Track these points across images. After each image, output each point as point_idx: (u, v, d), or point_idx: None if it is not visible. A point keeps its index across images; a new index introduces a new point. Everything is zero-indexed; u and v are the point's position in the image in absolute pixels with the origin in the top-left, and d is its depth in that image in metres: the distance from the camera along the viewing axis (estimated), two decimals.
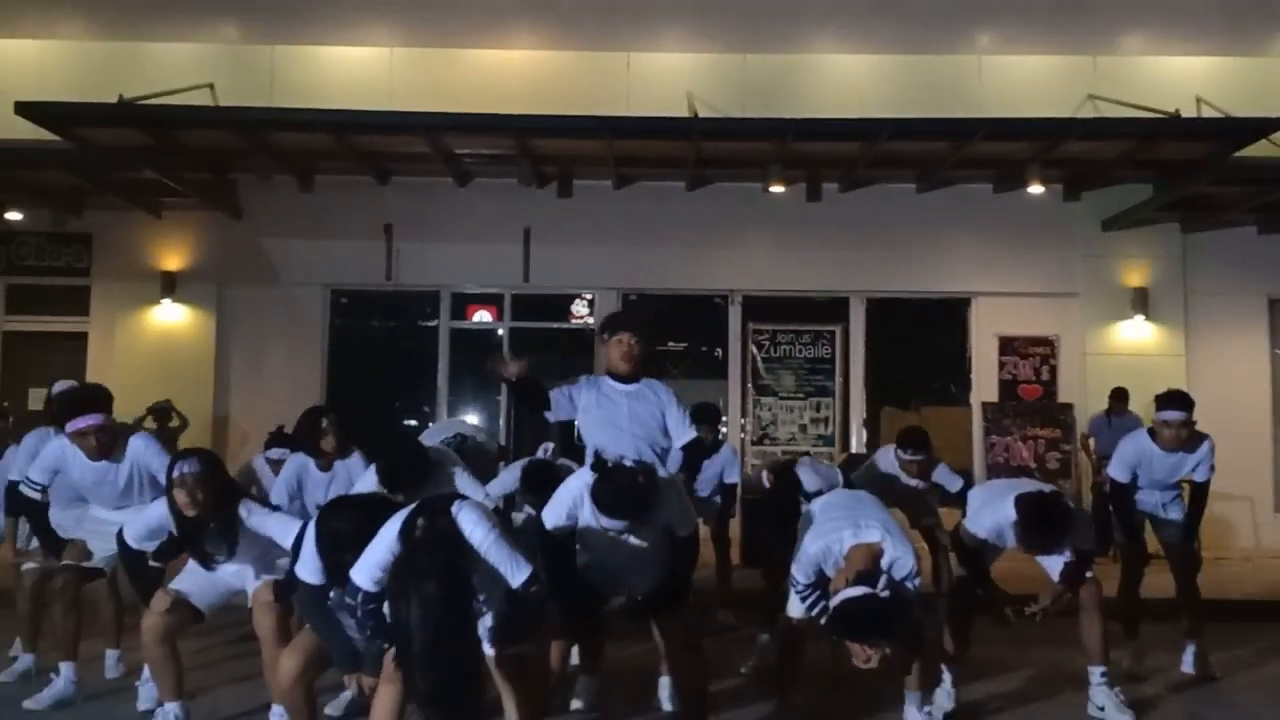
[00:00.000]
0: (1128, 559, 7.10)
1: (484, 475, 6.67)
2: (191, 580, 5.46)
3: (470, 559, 4.38)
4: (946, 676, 5.91)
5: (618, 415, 5.55)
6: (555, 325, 13.25)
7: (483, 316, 13.17)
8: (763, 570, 7.41)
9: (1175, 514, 7.08)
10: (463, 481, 5.96)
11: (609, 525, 4.85)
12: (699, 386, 12.49)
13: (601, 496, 4.77)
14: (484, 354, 12.83)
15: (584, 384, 5.68)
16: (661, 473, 5.13)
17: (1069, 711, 6.05)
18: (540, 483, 6.17)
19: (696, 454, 6.36)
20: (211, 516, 5.21)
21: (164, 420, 11.16)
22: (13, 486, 6.36)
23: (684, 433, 5.80)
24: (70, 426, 5.82)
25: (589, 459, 5.35)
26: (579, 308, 13.19)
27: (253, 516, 5.31)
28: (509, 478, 6.93)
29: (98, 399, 6.01)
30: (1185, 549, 7.07)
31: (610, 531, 4.88)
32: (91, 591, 6.40)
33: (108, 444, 5.86)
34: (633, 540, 4.98)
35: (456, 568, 4.24)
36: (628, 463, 4.97)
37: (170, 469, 5.27)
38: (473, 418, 12.49)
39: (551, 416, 5.72)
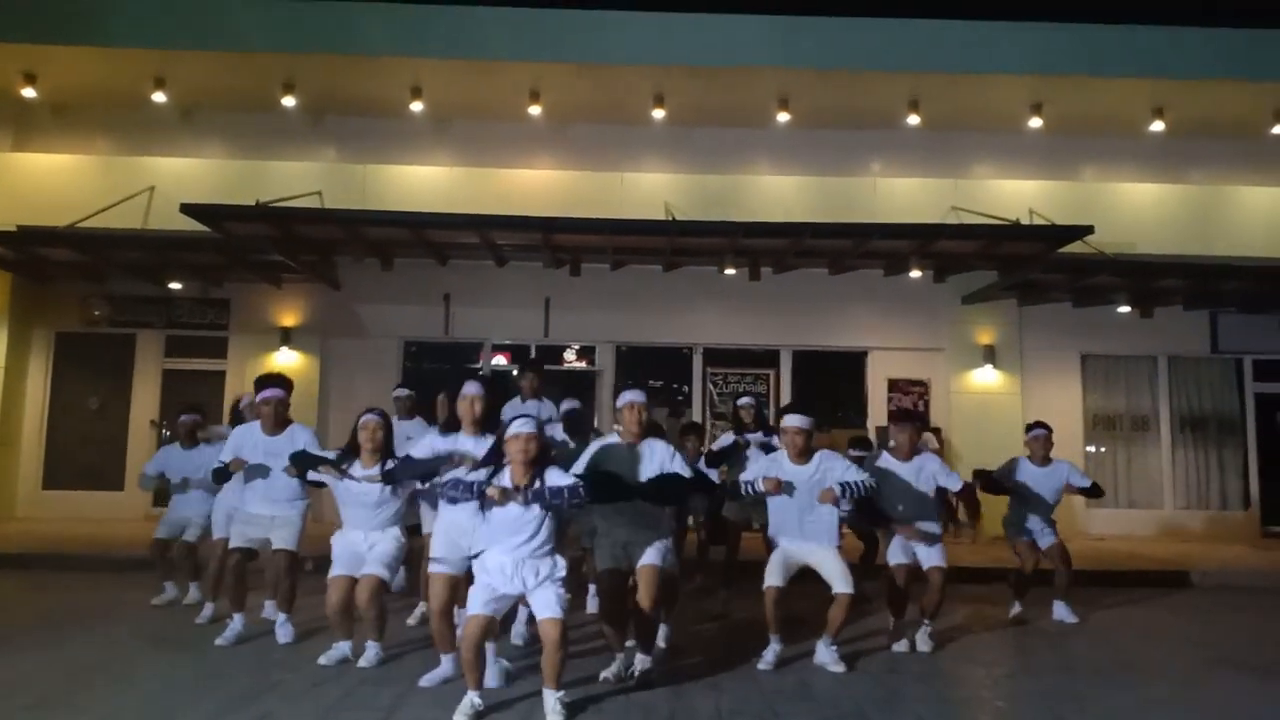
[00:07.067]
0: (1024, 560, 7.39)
1: None
2: (342, 557, 5.45)
3: None
4: (927, 624, 6.10)
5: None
6: (558, 368, 12.94)
7: (499, 361, 13.03)
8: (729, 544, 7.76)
9: (1049, 539, 7.29)
10: None
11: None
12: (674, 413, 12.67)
13: None
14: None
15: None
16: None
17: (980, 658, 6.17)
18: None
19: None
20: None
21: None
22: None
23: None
24: (260, 395, 5.90)
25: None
26: (569, 354, 13.17)
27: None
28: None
29: (279, 381, 6.07)
30: (1063, 551, 7.29)
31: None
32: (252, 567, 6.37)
33: (276, 418, 5.94)
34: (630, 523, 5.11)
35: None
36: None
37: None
38: None
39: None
